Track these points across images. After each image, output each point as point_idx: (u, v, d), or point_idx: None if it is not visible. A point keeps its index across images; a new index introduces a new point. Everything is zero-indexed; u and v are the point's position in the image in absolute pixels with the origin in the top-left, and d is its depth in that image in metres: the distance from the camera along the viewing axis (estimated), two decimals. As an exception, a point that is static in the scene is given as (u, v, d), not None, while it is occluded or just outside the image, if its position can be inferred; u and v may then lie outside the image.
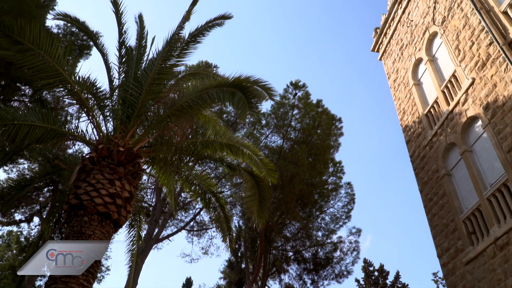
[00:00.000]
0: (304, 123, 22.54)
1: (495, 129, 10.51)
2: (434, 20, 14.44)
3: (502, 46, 10.59)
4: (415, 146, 14.62)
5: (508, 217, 9.63)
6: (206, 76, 10.64)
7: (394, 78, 17.25)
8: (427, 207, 13.22)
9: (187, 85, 9.25)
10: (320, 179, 23.10)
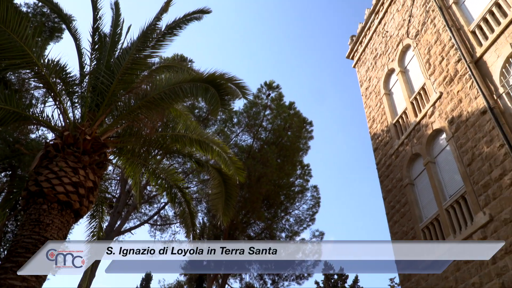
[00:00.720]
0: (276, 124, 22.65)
1: (458, 143, 10.89)
2: (408, 33, 14.82)
3: (469, 64, 10.98)
4: (381, 154, 14.95)
5: (463, 228, 10.00)
6: (181, 70, 10.51)
7: (366, 86, 17.59)
8: (389, 214, 13.55)
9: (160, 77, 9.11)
10: (288, 181, 23.27)
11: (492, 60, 10.52)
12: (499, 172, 9.28)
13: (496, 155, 9.48)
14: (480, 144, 10.07)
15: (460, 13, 12.34)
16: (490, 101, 10.02)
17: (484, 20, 11.27)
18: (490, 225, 9.20)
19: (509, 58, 10.08)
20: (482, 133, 10.07)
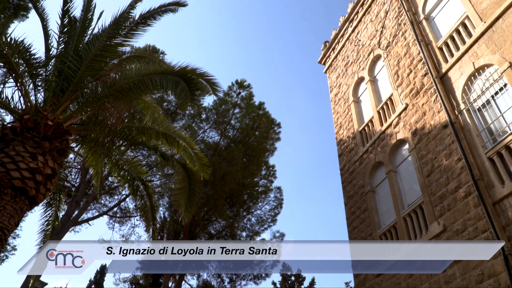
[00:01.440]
0: (244, 123, 22.64)
1: (419, 154, 11.24)
2: (380, 44, 15.17)
3: (434, 79, 11.37)
4: (346, 160, 15.24)
5: (418, 236, 10.34)
6: (152, 61, 10.32)
7: (336, 92, 17.88)
8: (349, 219, 13.83)
9: (130, 67, 8.91)
10: (252, 181, 23.30)
11: (456, 77, 10.93)
12: (455, 184, 9.65)
13: (454, 168, 9.85)
14: (440, 156, 10.43)
15: (430, 29, 12.75)
16: (451, 116, 10.40)
17: (451, 38, 11.70)
18: (443, 235, 9.56)
19: (471, 76, 10.50)
20: (442, 146, 10.44)
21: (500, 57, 9.63)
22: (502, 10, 9.99)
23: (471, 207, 9.01)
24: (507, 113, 9.29)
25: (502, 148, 8.92)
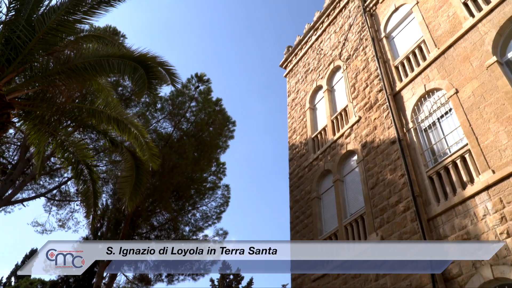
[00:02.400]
0: (199, 118, 22.40)
1: (366, 166, 11.64)
2: (341, 55, 15.56)
3: (388, 95, 11.82)
4: (296, 165, 15.48)
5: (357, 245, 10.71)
6: (111, 43, 9.96)
7: (293, 97, 18.13)
8: (293, 223, 14.05)
9: (87, 46, 8.54)
10: (201, 176, 23.10)
11: (408, 96, 11.42)
12: (396, 199, 10.08)
13: (397, 183, 10.28)
14: (385, 171, 10.85)
15: (389, 48, 13.25)
16: (400, 133, 10.85)
17: (407, 58, 12.21)
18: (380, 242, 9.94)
19: (421, 97, 11.01)
20: (388, 161, 10.87)
21: (449, 83, 10.18)
22: (454, 39, 10.56)
23: (408, 222, 9.45)
24: (449, 136, 9.82)
25: (441, 169, 9.42)
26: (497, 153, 8.26)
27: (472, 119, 9.14)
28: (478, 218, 8.07)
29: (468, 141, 8.98)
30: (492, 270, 7.39)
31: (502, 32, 9.51)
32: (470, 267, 7.79)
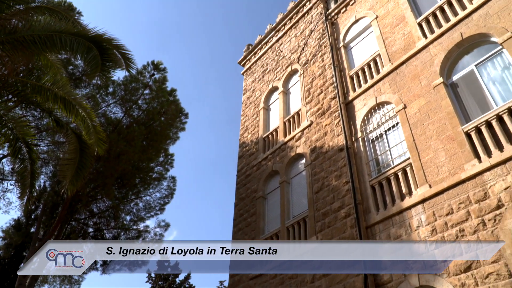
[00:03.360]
0: (151, 106, 21.89)
1: (313, 171, 11.90)
2: (299, 59, 15.79)
3: (341, 104, 12.15)
4: (244, 163, 15.53)
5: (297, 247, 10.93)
6: (65, 19, 9.47)
7: (248, 95, 18.17)
8: (236, 220, 14.10)
9: (38, 19, 8.08)
10: (148, 165, 22.61)
11: (359, 107, 11.80)
12: (339, 204, 10.39)
13: (341, 189, 10.60)
14: (331, 176, 11.15)
15: (346, 57, 13.62)
16: (348, 141, 11.19)
17: (362, 70, 12.62)
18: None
19: (372, 109, 11.42)
20: (335, 168, 11.17)
21: (398, 98, 10.62)
22: (407, 57, 11.04)
23: (348, 227, 9.77)
24: (394, 148, 10.26)
25: (383, 179, 9.82)
26: (435, 169, 8.73)
27: (416, 134, 9.60)
28: (412, 229, 8.49)
29: (411, 155, 9.42)
30: (419, 278, 7.80)
31: (449, 56, 10.06)
32: (400, 274, 8.17)
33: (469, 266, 7.16)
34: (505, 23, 9.11)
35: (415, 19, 11.59)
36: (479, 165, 7.92)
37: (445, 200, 8.19)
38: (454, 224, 7.79)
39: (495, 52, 9.23)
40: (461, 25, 10.12)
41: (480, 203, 7.57)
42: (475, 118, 8.73)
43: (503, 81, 8.81)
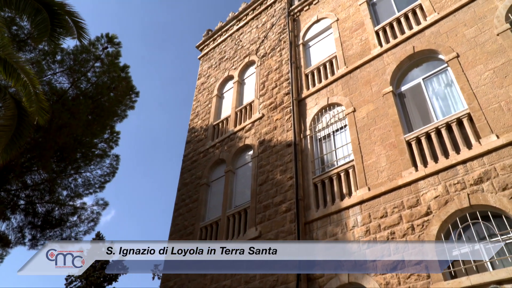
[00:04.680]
0: (101, 80, 21.00)
1: (259, 163, 12.00)
2: (257, 51, 15.80)
3: (293, 100, 12.32)
4: (192, 149, 15.38)
5: (235, 236, 11.01)
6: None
7: (203, 81, 17.96)
8: (177, 205, 13.96)
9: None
10: (91, 141, 21.73)
11: (311, 105, 12.03)
12: (281, 199, 10.57)
13: (284, 184, 10.78)
14: (276, 170, 11.30)
15: (303, 55, 13.80)
16: (297, 138, 11.39)
17: (317, 69, 12.85)
18: (257, 240, 10.34)
19: (323, 108, 11.68)
20: (281, 162, 11.34)
21: (349, 101, 10.94)
22: (361, 62, 11.38)
23: (287, 222, 9.97)
24: (339, 150, 10.57)
25: (326, 178, 10.10)
26: (375, 173, 9.11)
27: (361, 138, 9.94)
28: (348, 228, 8.82)
29: (354, 158, 9.76)
30: (348, 275, 8.13)
31: (401, 66, 10.49)
32: (332, 271, 8.48)
33: (395, 266, 7.56)
34: (452, 43, 9.62)
35: (373, 27, 11.95)
36: (415, 174, 8.35)
37: (381, 203, 8.58)
38: (386, 226, 8.18)
39: (441, 69, 9.74)
40: (414, 39, 10.57)
41: (412, 209, 8.00)
42: (417, 128, 9.18)
43: (445, 97, 9.32)
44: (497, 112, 7.91)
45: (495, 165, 7.37)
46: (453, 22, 9.95)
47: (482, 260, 6.81)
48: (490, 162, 7.46)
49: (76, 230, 23.21)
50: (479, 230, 7.14)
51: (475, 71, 8.76)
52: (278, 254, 8.88)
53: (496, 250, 6.79)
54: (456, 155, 8.02)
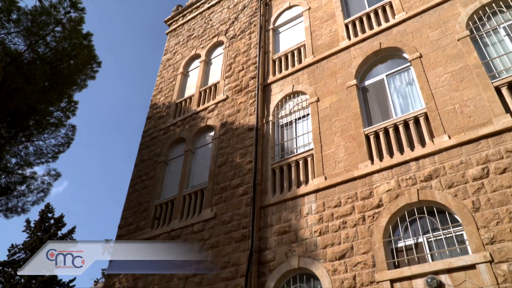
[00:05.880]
0: (61, 46, 20.01)
1: (220, 145, 11.97)
2: (227, 32, 15.61)
3: (259, 85, 12.32)
4: (152, 125, 15.10)
5: (190, 217, 10.98)
6: None
7: (168, 57, 17.57)
8: (133, 181, 13.72)
9: None
10: (46, 108, 20.79)
11: (276, 91, 12.07)
12: (238, 182, 10.62)
13: (243, 167, 10.82)
14: (236, 153, 11.32)
15: (273, 41, 13.77)
16: (259, 122, 11.42)
17: (285, 56, 12.88)
18: (211, 221, 10.39)
19: (287, 96, 11.75)
20: (241, 145, 11.35)
21: (313, 90, 11.06)
22: (329, 53, 11.50)
23: (243, 205, 10.05)
24: (300, 138, 10.71)
25: (285, 165, 10.23)
26: (333, 163, 9.31)
27: (322, 128, 10.11)
28: (302, 215, 9.00)
29: (314, 147, 9.92)
30: (299, 260, 8.34)
31: (366, 61, 10.70)
32: (283, 255, 8.66)
33: (344, 254, 7.82)
34: (417, 43, 9.90)
35: (343, 19, 12.07)
36: (371, 167, 8.61)
37: (336, 193, 8.80)
38: (339, 216, 8.42)
39: (404, 67, 10.02)
40: (382, 36, 10.79)
41: (365, 201, 8.26)
42: (376, 123, 9.44)
43: (405, 95, 9.62)
44: (451, 113, 8.26)
45: (445, 164, 7.72)
46: (420, 23, 10.23)
47: (424, 252, 7.17)
48: (440, 161, 7.81)
49: (24, 200, 22.31)
50: (424, 224, 7.50)
51: (435, 72, 9.07)
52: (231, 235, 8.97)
53: (437, 244, 7.18)
54: (410, 152, 8.34)
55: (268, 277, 8.58)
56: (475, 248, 6.54)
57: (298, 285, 8.32)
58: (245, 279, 8.61)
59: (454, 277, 6.48)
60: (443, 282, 6.52)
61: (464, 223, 6.88)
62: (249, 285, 8.51)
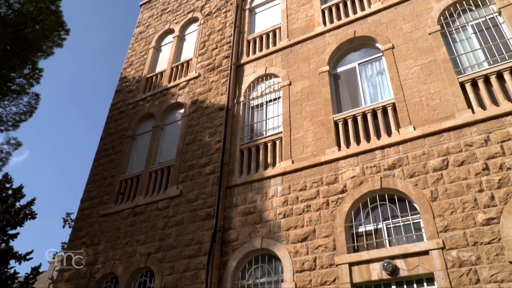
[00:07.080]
0: (26, 9, 19.10)
1: (189, 123, 11.86)
2: (202, 9, 15.31)
3: (232, 64, 12.22)
4: (121, 99, 14.75)
5: (155, 194, 10.90)
6: None
7: (141, 30, 17.11)
8: (99, 154, 13.44)
9: None
10: (8, 74, 19.91)
11: (249, 72, 12.02)
12: (206, 161, 10.59)
13: (211, 147, 10.79)
14: (205, 132, 11.25)
15: (248, 21, 13.63)
16: (230, 102, 11.37)
17: (260, 37, 12.80)
18: (176, 199, 10.35)
19: (259, 77, 11.73)
20: (211, 125, 11.30)
21: (286, 74, 11.08)
22: (304, 38, 11.51)
23: (209, 184, 10.06)
24: (270, 120, 10.76)
25: (253, 146, 10.28)
26: (301, 147, 9.43)
27: (293, 112, 10.18)
28: (267, 197, 9.11)
29: (283, 130, 9.99)
30: (262, 241, 8.48)
31: (340, 48, 10.79)
32: (246, 236, 8.77)
33: (306, 237, 8.01)
34: (390, 34, 10.06)
35: (320, 5, 12.07)
36: (338, 153, 8.78)
37: (302, 177, 8.94)
38: (304, 199, 8.57)
39: (376, 57, 10.18)
40: (357, 24, 10.88)
41: (330, 186, 8.44)
42: (346, 110, 9.60)
43: (375, 84, 9.80)
44: (418, 105, 8.49)
45: (408, 154, 7.97)
46: (394, 14, 10.37)
47: (383, 238, 7.45)
48: (404, 151, 8.06)
49: (-20, 169, 21.49)
50: (384, 211, 7.76)
51: (405, 64, 9.27)
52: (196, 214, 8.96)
53: (395, 230, 7.46)
54: (376, 140, 8.55)
55: (231, 257, 8.69)
56: (430, 235, 6.84)
57: (259, 265, 8.47)
58: (208, 257, 8.68)
59: (409, 262, 6.78)
60: (398, 266, 6.81)
61: (422, 211, 7.17)
62: (211, 263, 8.60)
